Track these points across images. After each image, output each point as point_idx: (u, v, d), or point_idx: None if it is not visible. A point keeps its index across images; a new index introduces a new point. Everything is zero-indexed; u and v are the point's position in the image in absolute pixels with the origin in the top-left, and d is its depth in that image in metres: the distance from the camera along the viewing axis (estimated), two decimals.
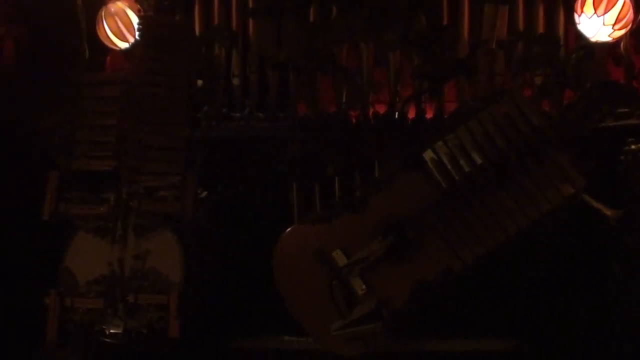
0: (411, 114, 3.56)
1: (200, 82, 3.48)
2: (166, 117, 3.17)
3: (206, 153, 3.40)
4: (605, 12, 3.43)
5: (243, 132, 3.58)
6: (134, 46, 3.63)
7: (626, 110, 3.37)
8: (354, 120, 3.50)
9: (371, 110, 3.54)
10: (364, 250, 2.94)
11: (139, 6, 3.66)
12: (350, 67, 3.65)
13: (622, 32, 3.50)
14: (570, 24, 3.64)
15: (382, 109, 3.60)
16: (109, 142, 3.13)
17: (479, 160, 2.88)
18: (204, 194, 3.27)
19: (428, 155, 2.94)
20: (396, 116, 3.49)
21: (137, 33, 3.37)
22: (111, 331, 2.95)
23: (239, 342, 3.27)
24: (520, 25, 3.68)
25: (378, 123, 3.46)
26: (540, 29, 3.69)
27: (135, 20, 3.61)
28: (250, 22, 3.75)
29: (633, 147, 3.08)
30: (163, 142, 3.14)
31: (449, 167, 2.91)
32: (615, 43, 3.60)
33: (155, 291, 2.98)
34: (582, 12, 3.49)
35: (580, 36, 3.60)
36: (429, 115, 3.58)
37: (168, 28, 3.35)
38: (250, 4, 3.76)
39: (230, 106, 3.66)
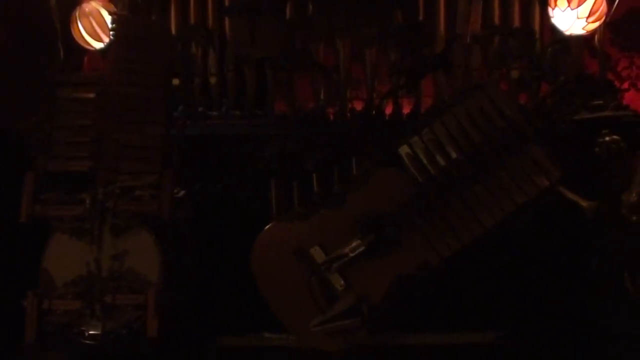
0: (389, 110, 3.57)
1: (176, 80, 3.47)
2: (142, 117, 3.15)
3: (184, 152, 3.39)
4: (579, 5, 3.46)
5: (221, 130, 3.58)
6: (108, 46, 3.62)
7: (601, 102, 3.42)
8: (331, 117, 3.51)
9: (349, 107, 3.56)
10: (342, 246, 2.95)
11: (113, 6, 3.65)
12: (328, 64, 3.66)
13: (596, 24, 3.52)
14: (546, 17, 3.66)
15: (360, 105, 3.61)
16: (86, 143, 3.12)
17: (454, 155, 2.89)
18: (182, 192, 3.27)
19: (404, 150, 2.95)
20: (373, 112, 3.50)
21: (111, 33, 3.37)
22: (90, 332, 2.94)
23: (219, 340, 3.26)
24: (496, 19, 3.71)
25: (355, 119, 3.47)
26: (516, 23, 3.71)
27: (109, 20, 3.60)
28: (227, 21, 3.75)
29: (607, 138, 3.10)
30: (139, 142, 3.12)
31: (424, 161, 2.92)
32: (590, 36, 3.62)
33: (133, 291, 2.97)
34: (555, 5, 3.50)
35: (555, 30, 3.62)
36: (406, 110, 3.58)
37: (142, 27, 3.34)
38: (227, 3, 3.76)
39: (207, 104, 3.66)
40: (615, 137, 3.13)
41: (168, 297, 3.02)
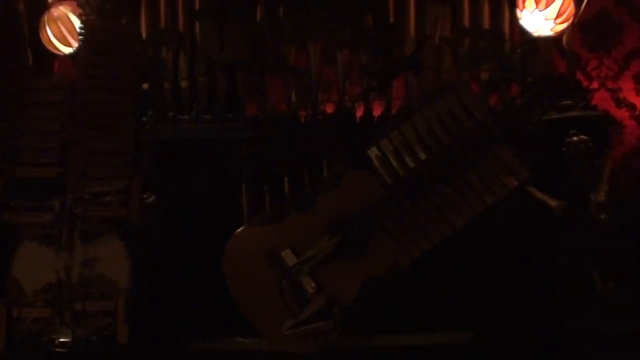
0: (360, 112, 3.58)
1: (146, 85, 3.46)
2: (111, 122, 3.13)
3: (154, 156, 3.38)
4: (547, 6, 3.47)
5: (192, 134, 3.57)
6: (77, 51, 3.59)
7: (569, 102, 3.44)
8: (302, 120, 3.51)
9: (320, 109, 3.56)
10: (312, 249, 2.95)
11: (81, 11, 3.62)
12: (299, 66, 3.66)
13: (564, 25, 3.54)
14: (515, 19, 3.68)
15: (331, 107, 3.61)
16: (54, 149, 3.10)
17: (423, 156, 2.90)
18: (153, 197, 3.26)
19: (373, 152, 2.96)
20: (345, 114, 3.51)
21: (79, 38, 3.35)
22: (60, 340, 2.93)
23: (191, 344, 3.25)
24: (466, 21, 3.72)
25: (327, 122, 3.47)
26: (486, 24, 3.73)
27: (78, 25, 3.58)
28: (197, 24, 3.74)
29: (575, 138, 3.13)
30: (108, 147, 3.10)
31: (394, 163, 2.93)
32: (559, 37, 3.65)
33: (103, 298, 2.96)
34: (524, 7, 3.52)
35: (524, 31, 3.64)
36: (378, 113, 3.59)
37: (111, 32, 3.32)
38: (197, 6, 3.75)
39: (178, 109, 3.65)
40: (583, 137, 3.16)
41: (138, 303, 3.01)
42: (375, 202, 2.93)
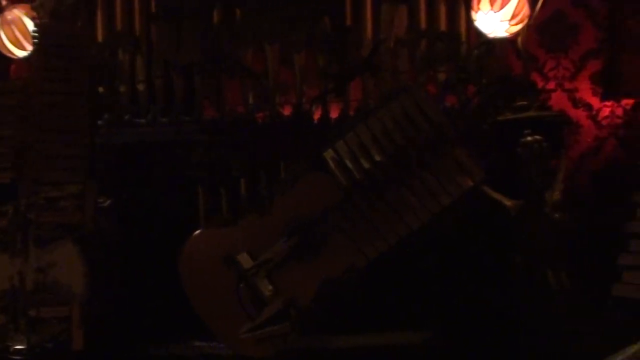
0: (318, 114, 3.58)
1: (101, 88, 3.43)
2: (66, 126, 3.12)
3: (110, 160, 3.36)
4: (501, 8, 3.50)
5: (148, 138, 3.54)
6: (31, 54, 3.55)
7: (525, 103, 3.47)
8: (260, 122, 3.51)
9: (278, 111, 3.56)
10: (269, 251, 2.95)
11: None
12: (256, 69, 3.66)
13: (519, 27, 3.57)
14: (472, 20, 3.71)
15: (289, 110, 3.61)
16: (7, 154, 3.07)
17: (377, 158, 2.91)
18: (109, 202, 3.23)
19: (329, 154, 2.96)
20: (302, 117, 3.52)
21: (34, 41, 3.31)
22: (15, 347, 2.90)
23: (149, 349, 3.23)
24: (423, 23, 3.75)
25: (284, 124, 3.47)
26: (443, 26, 3.75)
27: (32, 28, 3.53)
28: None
29: (529, 138, 3.16)
30: (63, 151, 3.09)
31: (349, 165, 2.94)
32: (515, 38, 3.68)
33: (58, 303, 2.94)
34: (479, 9, 3.55)
35: (480, 32, 3.67)
36: (335, 115, 3.60)
37: (65, 35, 3.29)
38: (154, 8, 3.73)
39: (135, 112, 3.63)
40: (537, 137, 3.19)
41: (94, 308, 2.98)
42: (331, 204, 2.93)
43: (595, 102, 4.11)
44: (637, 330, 2.84)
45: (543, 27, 4.08)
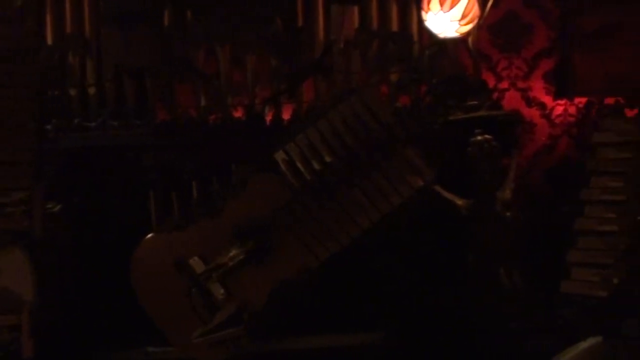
0: (270, 116, 3.57)
1: (50, 92, 3.39)
2: (11, 131, 3.07)
3: (59, 165, 3.31)
4: (451, 8, 3.52)
5: (99, 142, 3.50)
6: None
7: (476, 102, 3.50)
8: (212, 124, 3.49)
9: (230, 113, 3.55)
10: (221, 256, 2.93)
11: None
12: (208, 70, 3.64)
13: (469, 27, 3.58)
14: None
15: (241, 111, 3.60)
16: None
17: (328, 159, 2.91)
18: (59, 207, 3.19)
19: (280, 156, 2.95)
20: (254, 118, 3.51)
21: None
22: None
23: (102, 356, 3.20)
24: (375, 24, 3.75)
25: (235, 126, 3.46)
26: (394, 27, 3.77)
27: None
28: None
29: (479, 138, 3.18)
30: (8, 157, 3.04)
31: (300, 167, 2.93)
32: (466, 38, 3.70)
33: (7, 312, 2.89)
34: (429, 9, 3.56)
35: (431, 33, 3.69)
36: (287, 116, 3.60)
37: (12, 39, 3.23)
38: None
39: (86, 116, 3.58)
40: (487, 136, 3.21)
41: (44, 316, 2.94)
42: (282, 206, 2.92)
43: (548, 100, 4.16)
44: (586, 327, 2.88)
45: (496, 28, 4.11)
